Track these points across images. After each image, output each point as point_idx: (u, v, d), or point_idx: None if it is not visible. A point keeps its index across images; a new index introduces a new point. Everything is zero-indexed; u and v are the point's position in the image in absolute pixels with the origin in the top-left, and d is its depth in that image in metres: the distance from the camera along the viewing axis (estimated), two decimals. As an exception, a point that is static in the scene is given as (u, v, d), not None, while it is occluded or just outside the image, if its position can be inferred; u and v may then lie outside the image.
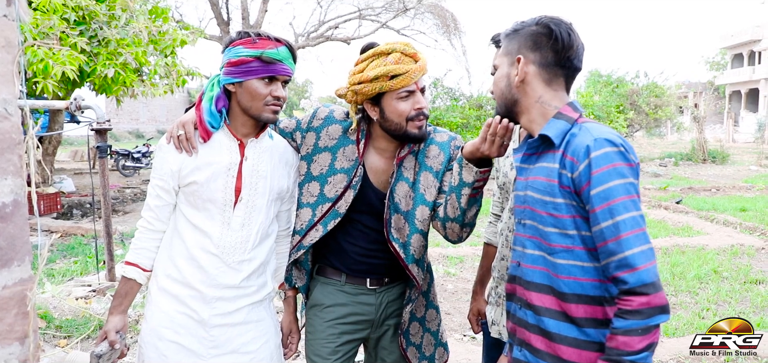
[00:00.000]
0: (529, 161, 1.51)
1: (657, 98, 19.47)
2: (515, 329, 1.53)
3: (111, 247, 4.72)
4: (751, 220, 8.60)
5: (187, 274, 1.78)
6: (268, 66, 1.70)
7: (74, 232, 7.44)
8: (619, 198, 1.28)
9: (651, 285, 1.25)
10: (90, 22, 7.38)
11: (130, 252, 1.84)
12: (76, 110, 4.22)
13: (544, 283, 1.42)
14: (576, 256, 1.36)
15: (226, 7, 19.72)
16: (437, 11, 21.33)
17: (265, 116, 1.75)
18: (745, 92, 42.00)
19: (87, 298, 4.47)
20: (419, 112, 1.80)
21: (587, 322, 1.37)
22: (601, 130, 1.36)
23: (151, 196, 1.82)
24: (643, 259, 1.26)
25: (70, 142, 24.77)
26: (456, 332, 4.33)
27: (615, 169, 1.30)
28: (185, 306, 1.79)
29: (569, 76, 1.48)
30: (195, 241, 1.78)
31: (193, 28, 10.68)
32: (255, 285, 1.85)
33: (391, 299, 1.99)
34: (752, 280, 5.69)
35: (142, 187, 13.08)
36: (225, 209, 1.78)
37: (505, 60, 1.50)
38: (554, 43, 1.42)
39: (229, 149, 1.79)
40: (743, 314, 4.75)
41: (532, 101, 1.47)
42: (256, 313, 1.86)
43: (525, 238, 1.49)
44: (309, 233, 1.92)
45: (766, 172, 16.39)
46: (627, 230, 1.27)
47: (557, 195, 1.38)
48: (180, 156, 1.76)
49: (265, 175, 1.83)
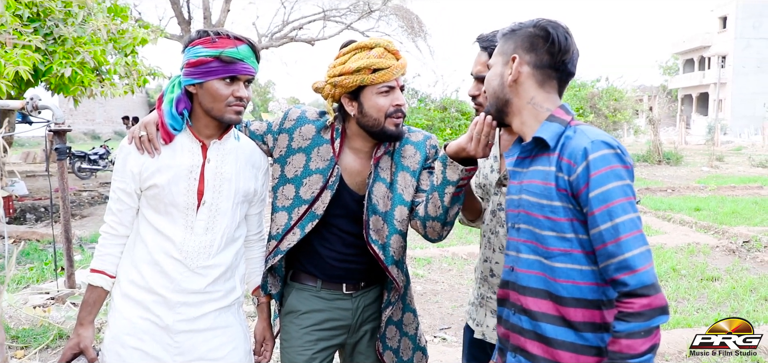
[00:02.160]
0: (522, 165, 1.50)
1: (616, 102, 20.04)
2: (508, 335, 1.51)
3: (70, 252, 4.54)
4: (705, 219, 8.93)
5: (150, 280, 1.73)
6: (228, 66, 1.65)
7: (28, 237, 7.13)
8: (618, 200, 1.29)
9: (651, 286, 1.25)
10: (45, 20, 7.09)
11: (95, 259, 1.79)
12: (32, 110, 4.04)
13: (540, 287, 1.41)
14: (574, 259, 1.36)
15: (187, 6, 19.30)
16: (402, 13, 21.41)
17: (228, 117, 1.71)
18: (696, 96, 43.76)
19: (45, 306, 4.29)
20: (398, 108, 1.80)
21: (585, 326, 1.37)
22: (597, 133, 1.36)
23: (113, 200, 1.77)
24: (642, 261, 1.26)
25: (21, 143, 23.80)
26: (427, 334, 4.34)
27: (613, 171, 1.30)
28: (149, 311, 1.73)
29: (563, 79, 1.48)
30: (158, 245, 1.73)
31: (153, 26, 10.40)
32: (222, 290, 1.81)
33: (368, 303, 1.97)
34: (708, 277, 5.90)
35: (100, 189, 12.67)
36: (187, 213, 1.73)
37: (500, 59, 1.50)
38: (550, 45, 1.43)
39: (191, 151, 1.74)
40: (701, 310, 4.92)
41: (524, 102, 1.47)
42: (223, 319, 1.82)
43: (519, 242, 1.48)
44: (286, 237, 1.87)
45: (717, 172, 17.07)
46: (626, 232, 1.27)
47: (554, 198, 1.37)
48: (141, 158, 1.71)
49: (229, 177, 1.78)
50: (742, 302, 5.11)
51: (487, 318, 1.94)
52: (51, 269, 5.34)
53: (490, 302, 1.93)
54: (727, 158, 21.38)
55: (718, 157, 20.41)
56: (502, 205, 1.90)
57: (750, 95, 39.74)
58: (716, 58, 41.19)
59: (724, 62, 41.01)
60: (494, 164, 1.96)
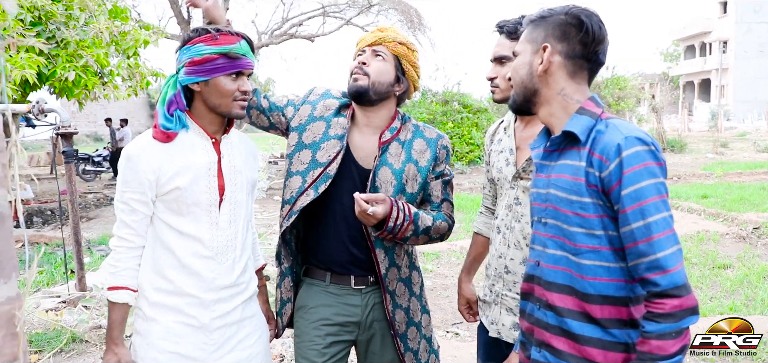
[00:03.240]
0: (550, 158, 1.47)
1: (620, 90, 19.98)
2: (532, 329, 1.49)
3: (80, 255, 4.53)
4: (713, 206, 8.89)
5: (180, 284, 1.72)
6: (234, 62, 1.67)
7: (37, 240, 7.13)
8: (651, 198, 1.26)
9: (683, 287, 1.23)
10: (47, 23, 7.06)
11: (114, 276, 1.72)
12: (38, 114, 4.02)
13: (565, 283, 1.39)
14: (602, 256, 1.33)
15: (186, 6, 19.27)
16: (401, 7, 21.34)
17: (235, 112, 1.73)
18: (697, 82, 43.60)
19: (57, 309, 4.28)
20: (358, 66, 1.91)
21: (611, 323, 1.34)
22: (630, 128, 1.33)
23: (126, 211, 1.70)
24: (674, 261, 1.24)
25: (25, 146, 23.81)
26: (439, 329, 4.32)
27: (646, 169, 1.27)
28: (183, 314, 1.73)
29: (593, 70, 1.44)
30: (185, 248, 1.71)
31: (154, 27, 10.36)
32: (245, 281, 1.84)
33: (377, 301, 1.97)
34: (720, 265, 5.88)
35: (105, 191, 12.67)
36: (211, 210, 1.73)
37: (529, 47, 1.45)
38: (584, 35, 1.39)
39: (205, 149, 1.74)
40: (715, 299, 4.89)
41: (554, 93, 1.43)
42: (249, 309, 1.87)
43: (546, 237, 1.45)
44: (300, 198, 1.89)
45: (722, 159, 17.02)
46: (659, 231, 1.24)
47: (584, 194, 1.34)
48: (155, 164, 1.67)
49: (240, 169, 1.81)
50: (755, 290, 5.08)
51: (503, 316, 1.91)
52: (61, 272, 5.34)
53: (506, 299, 1.90)
54: (732, 144, 21.31)
55: (723, 143, 20.35)
56: (519, 199, 1.87)
57: (752, 80, 39.58)
58: (717, 43, 41.01)
59: (726, 47, 40.83)
60: (510, 157, 1.92)
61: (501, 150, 1.99)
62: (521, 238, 1.85)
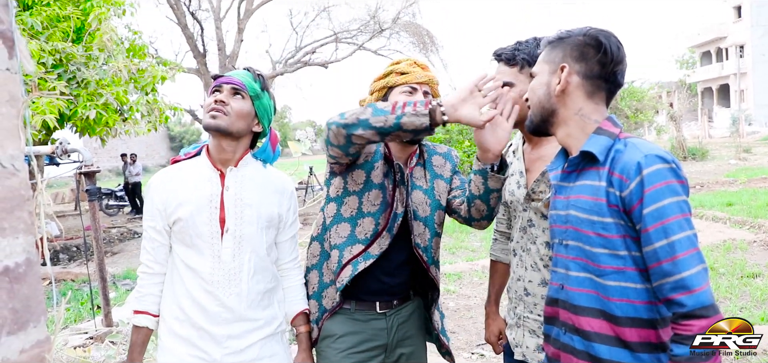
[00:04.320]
0: (568, 179, 1.46)
1: (638, 102, 19.79)
2: (559, 355, 1.46)
3: (106, 291, 4.58)
4: (738, 213, 8.71)
5: (191, 314, 1.75)
6: (215, 79, 1.79)
7: (64, 277, 7.24)
8: (674, 216, 1.24)
9: (710, 307, 1.21)
10: (68, 65, 7.27)
11: (136, 300, 1.81)
12: (61, 154, 4.10)
13: (593, 306, 1.36)
14: (628, 277, 1.31)
15: (201, 40, 19.63)
16: (412, 29, 21.49)
17: (206, 122, 1.77)
18: (716, 88, 43.00)
19: (85, 346, 4.32)
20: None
21: (641, 346, 1.32)
22: (650, 146, 1.32)
23: (146, 238, 1.81)
24: (700, 281, 1.21)
25: (49, 184, 24.32)
26: (464, 351, 4.27)
27: (668, 187, 1.25)
28: (196, 348, 1.75)
29: (611, 91, 1.44)
30: (191, 279, 1.76)
31: (171, 63, 10.58)
32: (262, 318, 1.81)
33: (401, 321, 1.99)
34: (749, 274, 5.73)
35: (128, 225, 12.85)
36: (213, 242, 1.75)
37: (546, 68, 1.46)
38: (602, 55, 1.39)
39: (210, 180, 1.78)
40: (745, 309, 4.77)
41: (572, 113, 1.43)
42: (268, 348, 1.83)
43: (568, 259, 1.43)
44: (376, 240, 1.89)
45: (745, 165, 16.70)
46: (683, 250, 1.22)
47: (606, 214, 1.33)
48: (164, 194, 1.75)
49: (250, 202, 1.80)
50: (787, 298, 4.94)
51: (526, 338, 1.90)
52: (88, 309, 5.40)
53: (528, 321, 1.88)
54: (755, 149, 20.92)
55: (745, 148, 19.99)
56: (532, 221, 1.86)
57: (772, 83, 38.89)
58: (734, 48, 40.49)
59: (743, 52, 40.28)
60: (520, 180, 1.92)
61: (511, 173, 1.99)
62: (538, 260, 1.84)
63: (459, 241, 8.41)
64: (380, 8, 21.08)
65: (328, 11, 21.35)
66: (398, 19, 21.17)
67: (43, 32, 7.05)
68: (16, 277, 0.94)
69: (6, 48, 0.91)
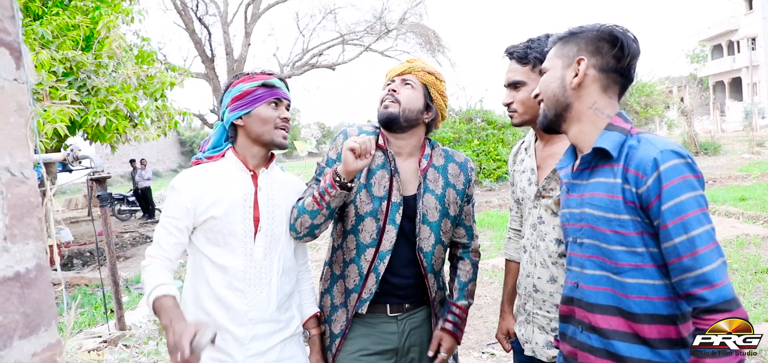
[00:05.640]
0: (581, 177, 1.44)
1: (647, 97, 19.65)
2: (576, 353, 1.46)
3: (118, 294, 4.64)
4: (752, 208, 8.62)
5: (216, 316, 1.75)
6: (272, 90, 1.80)
7: (77, 282, 7.33)
8: (693, 211, 1.23)
9: (732, 300, 1.20)
10: (78, 73, 7.35)
11: (153, 276, 1.65)
12: (72, 161, 4.16)
13: (610, 304, 1.36)
14: (646, 274, 1.31)
15: (209, 44, 19.79)
16: (419, 30, 21.51)
17: (278, 140, 1.81)
18: (727, 82, 42.54)
19: (99, 349, 4.38)
20: (389, 93, 1.94)
21: (661, 343, 1.31)
22: (665, 142, 1.31)
23: (163, 234, 1.73)
24: (721, 275, 1.20)
25: (63, 190, 24.58)
26: (474, 350, 4.27)
27: (685, 182, 1.25)
28: (219, 351, 1.75)
29: (624, 85, 1.44)
30: (219, 279, 1.76)
31: (179, 68, 10.66)
32: (284, 319, 1.85)
33: (414, 327, 1.99)
34: (763, 269, 5.67)
35: (141, 230, 12.95)
36: (246, 241, 1.77)
37: (559, 63, 1.45)
38: (618, 49, 1.38)
39: (243, 181, 1.81)
40: (759, 305, 4.72)
41: (586, 107, 1.42)
42: (288, 350, 1.86)
43: (583, 258, 1.42)
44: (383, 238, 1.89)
45: (759, 159, 16.52)
46: (703, 245, 1.21)
47: (622, 211, 1.32)
48: (196, 193, 1.75)
49: (280, 204, 1.85)
50: (802, 293, 4.89)
51: (535, 335, 1.90)
52: (101, 313, 5.46)
53: (537, 318, 1.88)
54: (768, 143, 20.68)
55: (759, 142, 19.74)
56: (542, 218, 1.86)
57: (785, 75, 38.42)
58: (746, 40, 40.04)
59: (755, 44, 39.84)
60: (532, 177, 1.92)
61: (523, 170, 1.99)
62: (547, 257, 1.84)
63: (469, 240, 8.37)
64: (386, 9, 21.12)
65: (334, 13, 21.42)
66: (404, 20, 21.19)
67: (53, 41, 7.13)
68: (27, 282, 0.96)
69: (13, 59, 0.93)
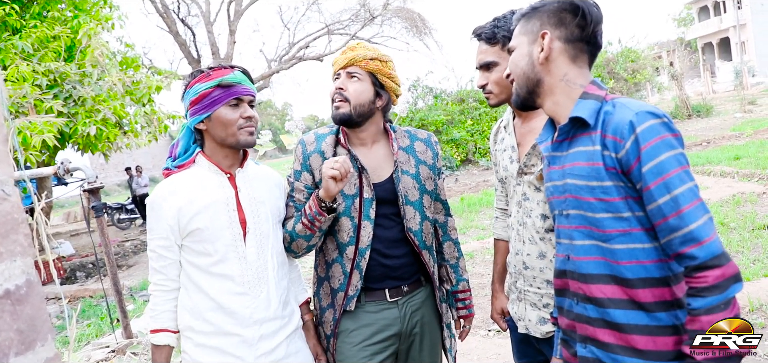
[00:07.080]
0: (560, 148, 1.44)
1: (633, 63, 19.64)
2: (574, 326, 1.45)
3: (122, 304, 4.62)
4: (746, 167, 8.65)
5: (220, 324, 1.73)
6: (229, 89, 1.70)
7: (82, 294, 7.31)
8: (673, 170, 1.22)
9: (722, 255, 1.19)
10: (62, 84, 7.27)
11: (154, 319, 1.77)
12: (64, 174, 4.12)
13: (603, 272, 1.35)
14: (635, 238, 1.30)
15: (194, 45, 19.63)
16: (404, 14, 21.37)
17: (243, 140, 1.74)
18: (716, 43, 42.56)
19: (107, 359, 4.37)
20: (337, 92, 1.93)
21: (657, 306, 1.30)
22: (639, 104, 1.30)
23: (154, 258, 1.75)
24: (708, 231, 1.20)
25: (61, 204, 24.48)
26: (480, 328, 4.28)
27: (664, 141, 1.24)
28: (228, 355, 1.73)
29: (593, 53, 1.42)
30: (218, 288, 1.72)
31: (165, 72, 10.59)
32: (286, 315, 1.84)
33: (415, 309, 1.99)
34: (760, 226, 5.70)
35: (141, 237, 12.91)
36: (236, 245, 1.73)
37: (525, 39, 1.44)
38: (581, 18, 1.37)
39: (220, 184, 1.76)
40: (758, 261, 4.74)
41: (557, 80, 1.40)
42: (294, 345, 1.85)
43: (571, 229, 1.41)
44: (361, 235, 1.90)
45: (751, 117, 16.57)
46: (687, 203, 1.20)
47: (604, 178, 1.31)
48: (175, 208, 1.70)
49: (263, 201, 1.81)
50: (800, 246, 4.91)
51: (528, 312, 1.90)
52: (107, 323, 5.45)
53: (529, 295, 1.88)
54: (760, 100, 20.74)
55: (750, 100, 19.82)
56: (526, 195, 1.85)
57: (772, 32, 38.40)
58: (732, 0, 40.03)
59: (740, 3, 39.80)
60: (513, 155, 1.91)
61: (504, 149, 1.99)
62: (534, 233, 1.84)
63: (469, 220, 8.40)
64: (370, -4, 20.96)
65: (318, 4, 21.27)
66: (388, 5, 21.05)
67: (34, 54, 7.05)
68: (18, 299, 0.94)
69: (-15, 73, 0.91)
